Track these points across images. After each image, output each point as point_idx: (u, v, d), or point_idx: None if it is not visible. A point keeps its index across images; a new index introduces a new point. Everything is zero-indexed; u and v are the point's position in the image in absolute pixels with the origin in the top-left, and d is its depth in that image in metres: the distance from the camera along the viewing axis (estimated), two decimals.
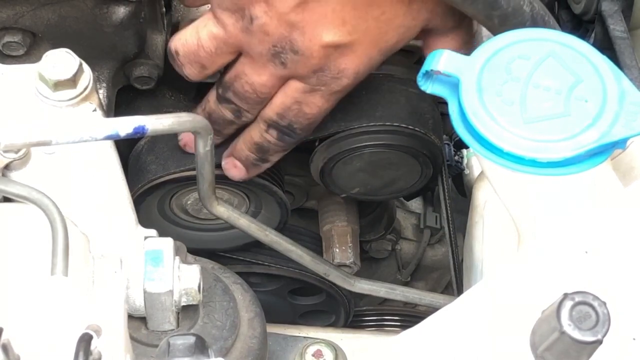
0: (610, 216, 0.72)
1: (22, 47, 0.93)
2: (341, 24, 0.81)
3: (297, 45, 0.82)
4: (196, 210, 1.08)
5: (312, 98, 0.87)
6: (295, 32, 0.81)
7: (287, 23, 0.81)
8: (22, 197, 0.68)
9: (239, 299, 0.83)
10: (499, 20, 0.84)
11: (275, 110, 0.89)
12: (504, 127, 0.71)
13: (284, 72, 0.85)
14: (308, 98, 0.87)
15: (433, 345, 0.73)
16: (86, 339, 0.59)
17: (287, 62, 0.83)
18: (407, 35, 0.86)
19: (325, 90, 0.86)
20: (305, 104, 0.88)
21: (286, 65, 0.83)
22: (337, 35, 0.81)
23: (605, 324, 0.60)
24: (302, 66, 0.84)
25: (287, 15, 0.80)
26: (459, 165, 1.52)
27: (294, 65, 0.83)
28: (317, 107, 0.88)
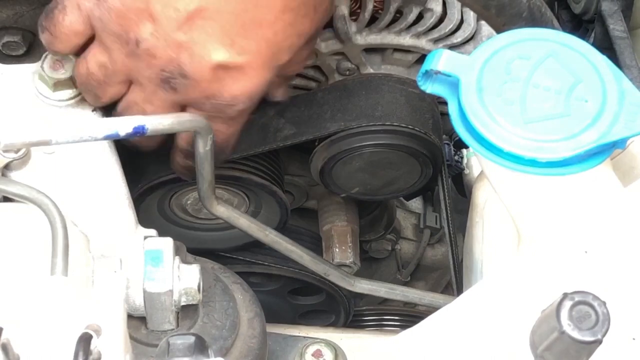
0: (610, 216, 0.72)
1: (22, 46, 0.93)
2: (230, 44, 0.78)
3: (186, 69, 0.79)
4: (196, 210, 1.08)
5: (214, 125, 0.83)
6: (183, 53, 0.78)
7: (175, 44, 0.77)
8: (22, 197, 0.68)
9: (239, 299, 0.83)
10: (496, 10, 0.84)
11: (185, 140, 0.87)
12: (504, 127, 0.71)
13: (176, 98, 0.81)
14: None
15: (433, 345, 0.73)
16: (86, 339, 0.59)
17: (177, 87, 0.80)
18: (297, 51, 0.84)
19: (223, 117, 0.84)
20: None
21: (177, 90, 0.80)
22: (226, 55, 0.78)
23: (604, 324, 0.60)
24: (192, 91, 0.80)
25: (175, 35, 0.77)
26: (459, 165, 1.52)
27: (184, 90, 0.80)
28: (223, 134, 0.86)
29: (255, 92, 0.82)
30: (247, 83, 0.81)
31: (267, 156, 1.05)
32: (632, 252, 0.70)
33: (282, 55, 0.82)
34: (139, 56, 0.79)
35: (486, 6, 0.83)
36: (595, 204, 0.73)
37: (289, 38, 0.81)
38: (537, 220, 0.75)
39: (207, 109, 0.82)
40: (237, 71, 0.80)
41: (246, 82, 0.81)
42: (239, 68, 0.79)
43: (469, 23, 1.08)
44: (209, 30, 0.77)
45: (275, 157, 1.07)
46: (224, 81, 0.80)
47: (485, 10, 0.84)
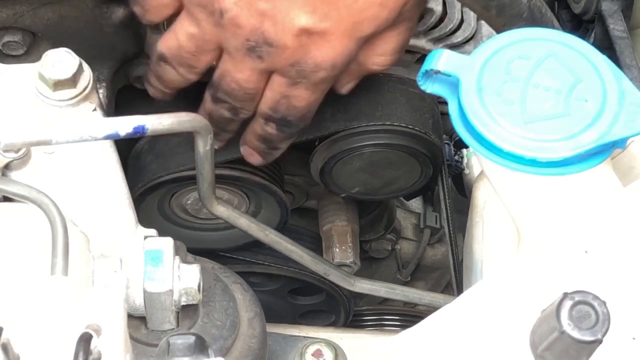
0: (610, 216, 0.72)
1: (22, 46, 0.93)
2: (312, 11, 0.80)
3: (270, 37, 0.81)
4: (196, 210, 1.08)
5: (297, 91, 0.86)
6: (267, 21, 0.80)
7: (258, 12, 0.80)
8: (22, 197, 0.68)
9: (239, 299, 0.83)
10: (497, 10, 0.84)
11: (267, 105, 0.89)
12: (504, 127, 0.71)
13: (263, 66, 0.84)
14: (293, 91, 0.86)
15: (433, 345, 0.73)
16: (86, 339, 0.59)
17: (264, 55, 0.82)
18: (383, 25, 0.84)
19: (307, 83, 0.85)
20: (293, 97, 0.87)
21: (263, 58, 0.83)
22: (309, 20, 0.80)
23: (605, 324, 0.60)
24: (278, 58, 0.83)
25: (257, 4, 0.79)
26: (459, 165, 1.52)
27: (270, 58, 0.83)
28: (304, 100, 0.88)
29: (339, 60, 0.83)
30: (329, 50, 0.82)
31: None
32: (632, 252, 0.70)
33: (364, 25, 0.82)
34: (225, 26, 0.81)
35: (486, 7, 0.83)
36: (595, 204, 0.73)
37: (371, 6, 0.81)
38: (537, 220, 0.75)
39: (292, 75, 0.84)
40: (320, 37, 0.81)
41: (329, 49, 0.82)
42: (321, 34, 0.81)
43: (469, 23, 1.08)
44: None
45: None
46: (308, 47, 0.82)
47: (486, 10, 0.84)
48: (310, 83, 0.85)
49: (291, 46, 0.81)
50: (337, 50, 0.83)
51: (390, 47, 0.87)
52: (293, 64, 0.83)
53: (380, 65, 0.89)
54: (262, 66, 0.84)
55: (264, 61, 0.83)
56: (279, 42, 0.81)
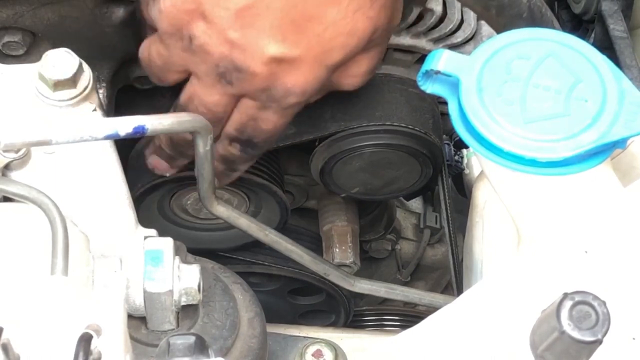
0: (610, 216, 0.72)
1: (22, 46, 0.93)
2: (282, 40, 0.79)
3: (240, 64, 0.81)
4: (196, 210, 1.08)
5: (266, 115, 0.86)
6: (236, 50, 0.80)
7: (227, 40, 0.79)
8: (22, 197, 0.68)
9: (239, 299, 0.83)
10: (497, 10, 0.84)
11: (233, 126, 0.88)
12: (504, 127, 0.71)
13: (233, 91, 0.84)
14: (262, 115, 0.86)
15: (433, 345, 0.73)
16: (86, 339, 0.59)
17: (234, 80, 0.82)
18: (353, 51, 0.84)
19: (276, 107, 0.85)
20: (261, 120, 0.87)
21: (233, 84, 0.82)
22: (279, 49, 0.79)
23: (605, 324, 0.60)
24: (248, 84, 0.82)
25: (226, 32, 0.79)
26: (459, 165, 1.52)
27: (240, 83, 0.82)
28: (272, 123, 0.87)
29: (309, 86, 0.83)
30: (300, 77, 0.82)
31: (267, 156, 1.05)
32: (632, 252, 0.70)
33: (334, 53, 0.82)
34: (194, 52, 0.81)
35: (486, 7, 0.83)
36: (595, 204, 0.73)
37: (340, 35, 0.81)
38: (537, 220, 0.75)
39: (263, 99, 0.84)
40: (290, 64, 0.81)
41: (299, 75, 0.82)
42: (291, 61, 0.81)
43: (469, 23, 1.08)
44: (259, 26, 0.79)
45: (275, 157, 1.07)
46: (278, 74, 0.82)
47: (486, 10, 0.84)
48: (279, 107, 0.85)
49: (261, 73, 0.81)
50: (307, 77, 0.82)
51: (362, 69, 0.87)
52: (263, 90, 0.83)
53: (352, 86, 0.89)
54: (232, 91, 0.84)
55: (234, 86, 0.83)
56: (249, 70, 0.81)
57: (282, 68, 0.81)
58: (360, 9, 0.80)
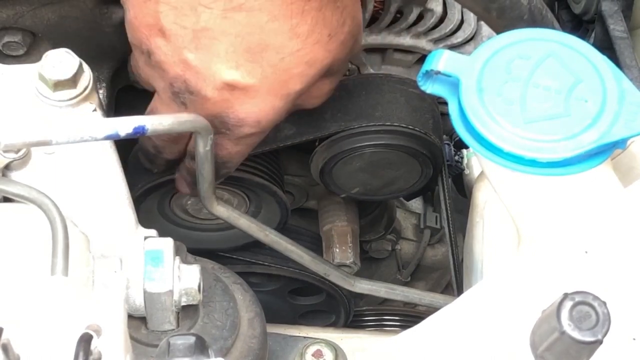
0: (610, 216, 0.72)
1: (22, 47, 0.93)
2: (235, 67, 0.78)
3: (192, 86, 0.80)
4: (196, 210, 1.08)
5: (220, 140, 0.85)
6: (189, 71, 0.79)
7: (182, 61, 0.79)
8: (22, 197, 0.68)
9: (239, 299, 0.83)
10: (497, 12, 0.84)
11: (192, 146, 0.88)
12: (504, 127, 0.71)
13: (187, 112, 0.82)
14: (216, 140, 0.85)
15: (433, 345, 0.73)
16: (86, 339, 0.59)
17: (186, 102, 0.81)
18: (311, 82, 0.82)
19: (230, 135, 0.84)
20: (216, 145, 0.85)
21: (187, 105, 0.82)
22: (232, 76, 0.78)
23: (605, 324, 0.60)
24: (200, 107, 0.81)
25: (182, 52, 0.78)
26: (459, 165, 1.52)
27: (193, 105, 0.81)
28: (226, 150, 0.86)
29: (264, 118, 0.82)
30: (253, 107, 0.81)
31: (267, 156, 1.05)
32: (632, 252, 0.70)
33: (292, 83, 0.81)
34: (153, 67, 0.81)
35: (487, 9, 0.83)
36: (595, 204, 0.73)
37: (298, 65, 0.79)
38: (537, 220, 0.75)
39: (216, 125, 0.82)
40: (243, 93, 0.80)
41: (252, 106, 0.81)
42: (244, 90, 0.79)
43: (469, 23, 1.08)
44: (214, 50, 0.77)
45: (275, 157, 1.07)
46: (230, 102, 0.80)
47: (486, 12, 0.84)
48: (233, 136, 0.84)
49: (212, 98, 0.80)
50: (261, 107, 0.81)
51: (324, 92, 0.87)
52: (215, 115, 0.82)
53: (313, 106, 0.89)
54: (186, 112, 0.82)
55: (187, 108, 0.82)
56: (200, 93, 0.80)
57: (235, 96, 0.80)
58: (319, 42, 0.79)
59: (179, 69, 0.79)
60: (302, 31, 0.77)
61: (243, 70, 0.78)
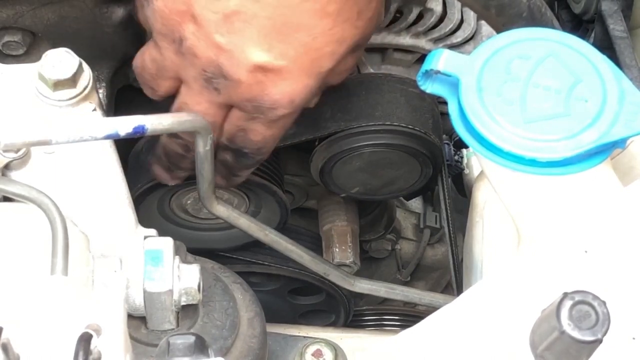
0: (610, 216, 0.72)
1: (22, 46, 0.93)
2: (268, 48, 0.78)
3: (226, 70, 0.80)
4: (196, 209, 1.08)
5: (254, 126, 0.85)
6: (223, 55, 0.79)
7: (214, 45, 0.79)
8: (22, 197, 0.68)
9: (239, 299, 0.83)
10: (496, 10, 0.84)
11: (224, 136, 0.88)
12: (504, 127, 0.71)
13: (220, 99, 0.83)
14: (250, 125, 0.85)
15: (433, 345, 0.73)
16: (86, 339, 0.59)
17: (220, 87, 0.81)
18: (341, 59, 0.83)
19: (264, 119, 0.84)
20: (249, 131, 0.86)
21: (220, 91, 0.82)
22: (264, 57, 0.78)
23: (605, 324, 0.60)
24: (234, 92, 0.81)
25: (214, 36, 0.78)
26: (459, 165, 1.52)
27: (227, 91, 0.81)
28: (260, 134, 0.86)
29: (297, 97, 0.82)
30: (286, 88, 0.81)
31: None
32: (632, 252, 0.70)
33: (323, 62, 0.81)
34: (184, 55, 0.81)
35: (486, 6, 0.83)
36: (595, 204, 0.73)
37: (329, 44, 0.80)
38: (537, 220, 0.75)
39: (249, 110, 0.83)
40: (276, 75, 0.80)
41: (286, 86, 0.81)
42: (277, 71, 0.80)
43: (469, 23, 1.08)
44: (246, 33, 0.78)
45: (275, 157, 1.07)
46: (264, 84, 0.80)
47: (485, 10, 0.84)
48: (267, 119, 0.84)
49: (246, 81, 0.80)
50: (294, 87, 0.81)
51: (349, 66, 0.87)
52: (249, 100, 0.82)
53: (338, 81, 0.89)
54: (219, 99, 0.83)
55: (220, 94, 0.82)
56: (234, 76, 0.80)
57: (268, 78, 0.80)
58: (349, 19, 0.79)
59: (212, 53, 0.79)
60: (332, 10, 0.78)
61: (275, 52, 0.79)
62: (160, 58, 0.83)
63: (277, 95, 0.81)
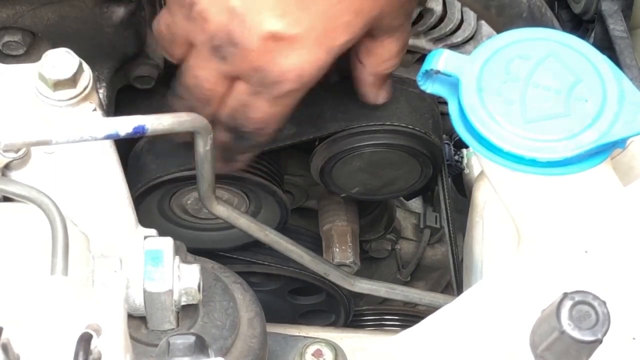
0: (610, 216, 0.72)
1: (22, 46, 0.93)
2: (282, 14, 0.76)
3: (236, 37, 0.78)
4: (196, 209, 1.08)
5: (256, 101, 0.83)
6: (235, 20, 0.77)
7: (227, 9, 0.77)
8: (22, 197, 0.68)
9: (239, 299, 0.83)
10: (497, 10, 0.84)
11: (225, 111, 0.86)
12: (504, 127, 0.71)
13: (227, 69, 0.81)
14: (252, 101, 0.83)
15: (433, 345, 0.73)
16: (86, 339, 0.59)
17: (227, 56, 0.80)
18: (357, 35, 0.81)
19: (268, 94, 0.82)
20: (251, 107, 0.84)
21: (227, 60, 0.80)
22: (278, 25, 0.76)
23: (605, 324, 0.60)
24: (241, 61, 0.80)
25: (228, 1, 0.77)
26: (459, 165, 1.52)
27: (233, 59, 0.80)
28: (262, 112, 0.84)
29: (307, 71, 0.80)
30: (297, 59, 0.79)
31: (267, 156, 1.05)
32: (632, 252, 0.70)
33: (338, 33, 0.79)
34: (195, 19, 0.80)
35: (486, 6, 0.83)
36: (595, 204, 0.73)
37: (346, 14, 0.78)
38: (537, 220, 0.75)
39: (254, 82, 0.81)
40: (288, 44, 0.78)
41: (297, 58, 0.79)
42: (289, 40, 0.78)
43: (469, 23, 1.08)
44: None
45: (275, 157, 1.07)
46: (274, 53, 0.79)
47: (486, 10, 0.84)
48: (271, 94, 0.82)
49: (256, 49, 0.78)
50: (305, 59, 0.79)
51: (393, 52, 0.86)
52: (257, 69, 0.80)
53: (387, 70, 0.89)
54: (225, 69, 0.81)
55: (227, 63, 0.81)
56: (244, 44, 0.78)
57: (279, 47, 0.78)
58: None
59: (224, 18, 0.78)
60: None
61: (290, 19, 0.77)
62: (172, 23, 0.83)
63: (286, 66, 0.80)
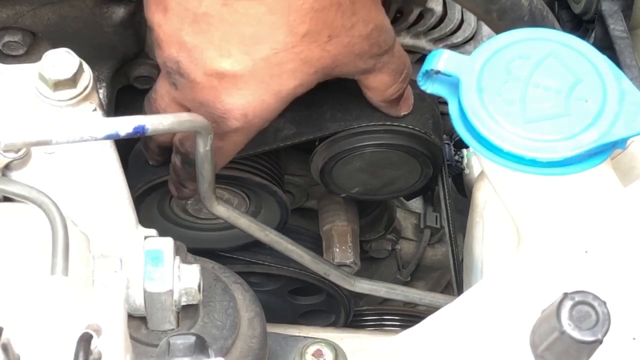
0: (610, 216, 0.72)
1: (22, 46, 0.93)
2: (227, 55, 0.78)
3: (183, 68, 0.80)
4: (196, 210, 1.08)
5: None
6: (183, 52, 0.79)
7: (178, 42, 0.79)
8: (22, 197, 0.68)
9: (239, 299, 0.83)
10: (498, 14, 0.84)
11: (178, 136, 0.88)
12: (504, 127, 0.71)
13: (177, 95, 0.83)
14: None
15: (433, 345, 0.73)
16: (86, 339, 0.59)
17: (177, 84, 0.81)
18: (309, 81, 0.82)
19: (216, 128, 0.82)
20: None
21: (177, 87, 0.82)
22: (222, 64, 0.78)
23: (605, 324, 0.60)
24: (189, 92, 0.81)
25: (180, 34, 0.78)
26: (459, 165, 1.52)
27: (183, 89, 0.81)
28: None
29: (251, 112, 0.81)
30: (241, 99, 0.80)
31: (267, 156, 1.05)
32: (632, 252, 0.70)
33: (284, 79, 0.80)
34: (154, 41, 0.82)
35: (487, 10, 0.83)
36: (595, 204, 0.73)
37: (292, 61, 0.79)
38: (537, 220, 0.75)
39: (202, 115, 0.81)
40: (231, 83, 0.79)
41: (240, 97, 0.80)
42: (232, 79, 0.79)
43: (469, 23, 1.08)
44: (209, 36, 0.77)
45: (275, 157, 1.07)
46: (218, 91, 0.80)
47: (487, 14, 0.84)
48: (219, 129, 0.83)
49: (200, 83, 0.80)
50: (249, 100, 0.80)
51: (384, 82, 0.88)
52: (202, 103, 0.81)
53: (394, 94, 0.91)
54: (176, 95, 0.83)
55: (177, 90, 0.82)
56: (189, 76, 0.80)
57: (223, 85, 0.79)
58: (316, 41, 0.78)
59: (174, 50, 0.79)
60: (299, 29, 0.77)
61: (233, 59, 0.78)
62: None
63: (230, 104, 0.80)
